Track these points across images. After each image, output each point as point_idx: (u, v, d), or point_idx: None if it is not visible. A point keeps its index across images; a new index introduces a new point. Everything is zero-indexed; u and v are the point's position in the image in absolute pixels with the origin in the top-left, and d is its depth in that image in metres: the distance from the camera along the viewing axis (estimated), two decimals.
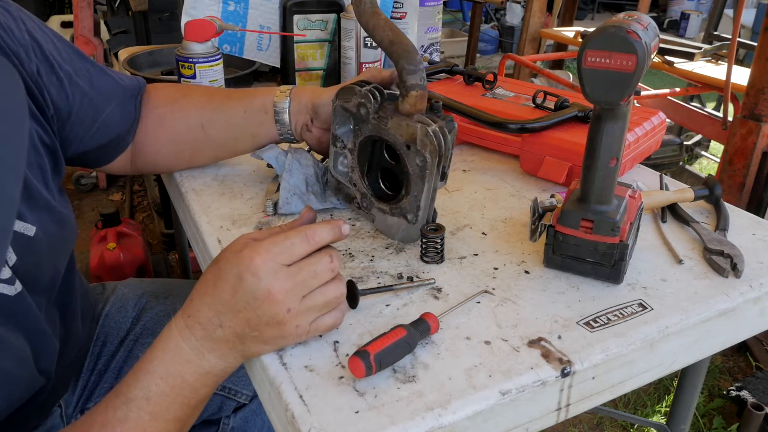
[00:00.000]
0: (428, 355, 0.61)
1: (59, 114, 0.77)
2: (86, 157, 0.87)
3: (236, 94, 0.94)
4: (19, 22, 0.73)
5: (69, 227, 0.78)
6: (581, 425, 1.84)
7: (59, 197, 0.76)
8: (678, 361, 0.70)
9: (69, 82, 0.78)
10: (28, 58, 0.72)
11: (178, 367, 0.60)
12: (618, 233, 0.69)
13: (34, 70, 0.72)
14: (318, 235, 0.60)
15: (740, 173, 1.83)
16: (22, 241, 0.69)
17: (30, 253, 0.70)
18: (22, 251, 0.68)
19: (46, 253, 0.73)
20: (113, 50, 2.36)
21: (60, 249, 0.77)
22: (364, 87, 0.78)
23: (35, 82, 0.72)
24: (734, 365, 2.06)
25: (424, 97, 0.75)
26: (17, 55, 0.70)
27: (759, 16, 5.16)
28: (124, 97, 0.88)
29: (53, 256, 0.75)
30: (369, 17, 0.75)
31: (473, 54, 3.57)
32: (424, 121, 0.73)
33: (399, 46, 0.73)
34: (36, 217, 0.71)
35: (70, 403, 0.92)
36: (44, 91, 0.74)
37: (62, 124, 0.78)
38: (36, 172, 0.73)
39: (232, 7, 1.31)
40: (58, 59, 0.77)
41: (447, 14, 5.84)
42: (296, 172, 0.86)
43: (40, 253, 0.72)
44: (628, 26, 0.60)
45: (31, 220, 0.70)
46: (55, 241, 0.74)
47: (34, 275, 0.71)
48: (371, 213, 0.82)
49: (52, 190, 0.75)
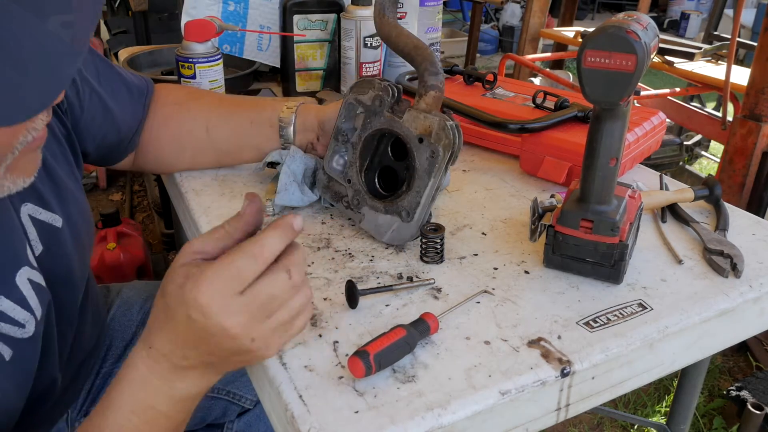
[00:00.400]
0: (428, 355, 0.61)
1: (72, 110, 0.78)
2: (96, 155, 0.87)
3: (245, 104, 0.94)
4: None
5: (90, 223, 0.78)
6: (581, 425, 1.84)
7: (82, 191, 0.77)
8: (678, 361, 0.70)
9: (80, 78, 0.78)
10: None
11: (149, 400, 0.56)
12: (618, 233, 0.69)
13: None
14: (267, 249, 0.52)
15: (740, 173, 1.83)
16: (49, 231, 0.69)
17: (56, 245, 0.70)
18: (49, 241, 0.68)
19: (72, 245, 0.73)
20: (113, 50, 2.36)
21: (85, 242, 0.77)
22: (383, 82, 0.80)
23: None
24: (734, 365, 2.06)
25: (440, 99, 0.77)
26: None
27: (759, 16, 5.16)
28: (132, 96, 0.88)
29: (79, 249, 0.75)
30: (392, 27, 0.81)
31: (473, 54, 3.57)
32: (442, 116, 0.74)
33: (423, 50, 0.78)
34: (63, 209, 0.71)
35: (75, 408, 0.92)
36: None
37: (75, 121, 0.79)
38: (63, 163, 0.74)
39: (232, 7, 1.31)
40: None
41: (447, 14, 5.84)
42: (298, 160, 0.87)
43: (67, 245, 0.72)
44: (627, 26, 0.60)
45: (59, 211, 0.70)
46: (80, 234, 0.75)
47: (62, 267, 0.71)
48: (360, 212, 0.82)
49: (78, 181, 0.76)
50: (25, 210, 0.68)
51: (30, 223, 0.68)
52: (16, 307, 0.63)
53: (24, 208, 0.68)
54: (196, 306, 0.50)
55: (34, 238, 0.68)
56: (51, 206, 0.70)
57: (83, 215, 0.76)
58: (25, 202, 0.68)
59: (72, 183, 0.74)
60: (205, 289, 0.50)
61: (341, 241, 0.81)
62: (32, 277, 0.66)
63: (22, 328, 0.64)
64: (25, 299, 0.64)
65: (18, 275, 0.64)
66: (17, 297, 0.63)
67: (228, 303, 0.51)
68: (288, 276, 0.52)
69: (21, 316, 0.63)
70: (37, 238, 0.68)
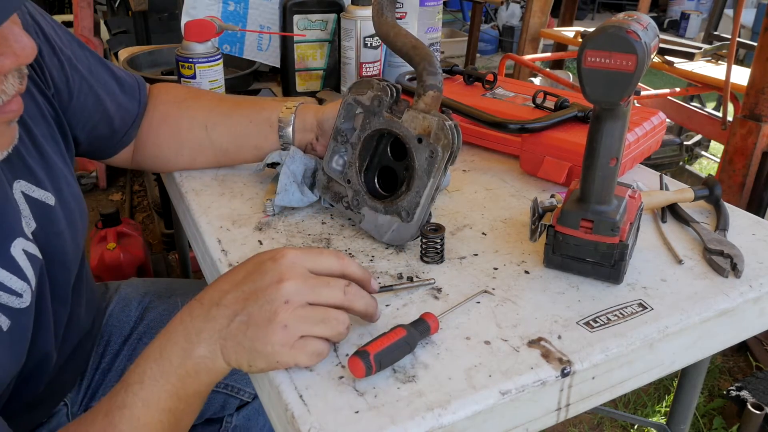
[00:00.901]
0: (428, 355, 0.61)
1: (60, 95, 0.78)
2: (90, 146, 0.87)
3: (245, 103, 0.94)
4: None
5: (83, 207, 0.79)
6: (581, 425, 1.84)
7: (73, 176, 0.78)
8: (678, 361, 0.70)
9: (69, 66, 0.79)
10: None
11: (168, 349, 0.57)
12: (618, 233, 0.69)
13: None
14: (350, 265, 0.60)
15: (740, 173, 1.83)
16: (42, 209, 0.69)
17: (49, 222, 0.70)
18: (42, 219, 0.69)
19: (66, 225, 0.73)
20: (113, 50, 2.36)
21: (78, 224, 0.77)
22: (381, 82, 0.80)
23: (37, 60, 0.73)
24: (734, 365, 2.06)
25: (439, 99, 0.77)
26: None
27: (759, 16, 5.16)
28: (123, 90, 0.88)
29: (72, 229, 0.76)
30: (390, 27, 0.80)
31: (473, 54, 3.58)
32: (441, 116, 0.74)
33: (421, 50, 0.77)
34: (55, 187, 0.72)
35: (75, 402, 0.92)
36: (45, 70, 0.75)
37: (64, 108, 0.79)
38: (52, 144, 0.74)
39: (232, 7, 1.31)
40: (59, 43, 0.78)
41: (447, 14, 5.84)
42: (298, 160, 0.87)
43: (60, 223, 0.72)
44: (627, 26, 0.60)
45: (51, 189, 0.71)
46: (73, 214, 0.75)
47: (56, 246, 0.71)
48: (360, 212, 0.82)
49: (69, 165, 0.76)
50: (17, 187, 0.68)
51: (23, 199, 0.69)
52: (13, 276, 0.64)
53: (17, 185, 0.68)
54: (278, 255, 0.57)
55: (28, 215, 0.68)
56: (44, 184, 0.71)
57: (75, 197, 0.76)
58: (18, 179, 0.68)
59: (62, 164, 0.75)
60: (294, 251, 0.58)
61: (341, 241, 0.81)
62: (27, 248, 0.66)
63: (20, 298, 0.65)
64: (21, 269, 0.65)
65: (13, 246, 0.64)
66: (13, 267, 0.64)
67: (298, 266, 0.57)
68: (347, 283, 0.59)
69: (18, 286, 0.64)
70: (30, 215, 0.68)
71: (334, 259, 0.59)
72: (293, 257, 0.57)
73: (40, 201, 0.70)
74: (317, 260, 0.58)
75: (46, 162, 0.72)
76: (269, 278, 0.56)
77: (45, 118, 0.74)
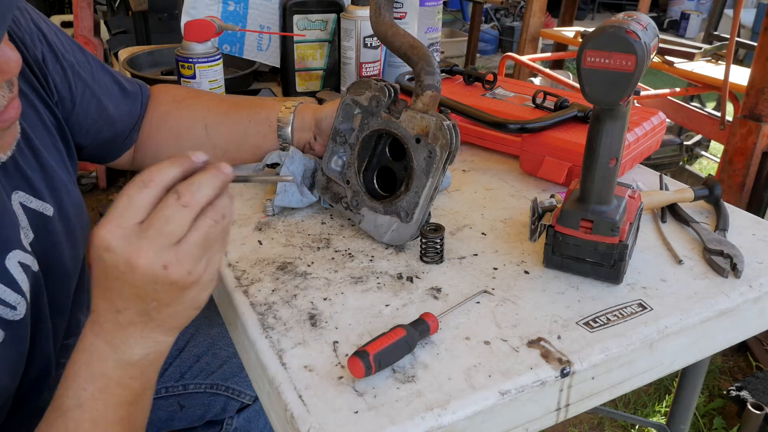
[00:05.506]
0: (428, 356, 0.61)
1: (63, 103, 0.78)
2: (93, 151, 0.87)
3: (244, 103, 0.94)
4: (24, 12, 0.74)
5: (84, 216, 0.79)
6: (581, 425, 1.84)
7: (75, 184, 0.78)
8: (678, 361, 0.70)
9: (72, 72, 0.79)
10: (33, 45, 0.73)
11: (98, 367, 0.55)
12: (617, 233, 0.69)
13: (39, 56, 0.74)
14: (156, 174, 0.51)
15: (740, 173, 1.83)
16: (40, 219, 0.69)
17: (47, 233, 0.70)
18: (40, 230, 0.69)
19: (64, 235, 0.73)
20: (113, 50, 2.36)
21: (78, 234, 0.77)
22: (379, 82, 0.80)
23: (40, 68, 0.74)
24: (734, 365, 2.06)
25: (437, 99, 0.77)
26: (22, 41, 0.72)
27: (759, 16, 5.15)
28: (126, 95, 0.88)
29: (71, 239, 0.75)
30: (388, 27, 0.80)
31: (473, 54, 3.58)
32: (439, 116, 0.74)
33: (419, 49, 0.77)
34: (55, 198, 0.72)
35: None
36: (48, 78, 0.75)
37: (67, 115, 0.79)
38: (53, 152, 0.74)
39: (232, 7, 1.31)
40: (62, 50, 0.78)
41: (447, 14, 5.84)
42: (297, 161, 0.87)
43: (58, 234, 0.72)
44: (627, 26, 0.60)
45: (50, 200, 0.71)
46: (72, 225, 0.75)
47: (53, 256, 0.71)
48: (359, 213, 0.82)
49: (71, 173, 0.76)
50: (16, 198, 0.68)
51: (21, 211, 0.69)
52: (7, 289, 0.63)
53: (15, 196, 0.68)
54: (99, 242, 0.50)
55: (26, 225, 0.68)
56: (42, 195, 0.71)
57: (76, 207, 0.76)
58: (16, 190, 0.68)
59: (64, 174, 0.75)
60: (106, 224, 0.50)
61: (341, 241, 0.80)
62: (24, 260, 0.66)
63: (14, 310, 0.64)
64: (15, 281, 0.65)
65: (8, 259, 0.64)
66: (7, 279, 0.64)
67: (128, 234, 0.50)
68: (177, 196, 0.51)
69: (12, 299, 0.64)
70: (28, 226, 0.68)
71: (141, 190, 0.51)
72: (113, 230, 0.50)
73: (38, 212, 0.69)
74: (131, 208, 0.50)
75: (45, 172, 0.72)
76: (125, 269, 0.50)
77: (46, 126, 0.74)
